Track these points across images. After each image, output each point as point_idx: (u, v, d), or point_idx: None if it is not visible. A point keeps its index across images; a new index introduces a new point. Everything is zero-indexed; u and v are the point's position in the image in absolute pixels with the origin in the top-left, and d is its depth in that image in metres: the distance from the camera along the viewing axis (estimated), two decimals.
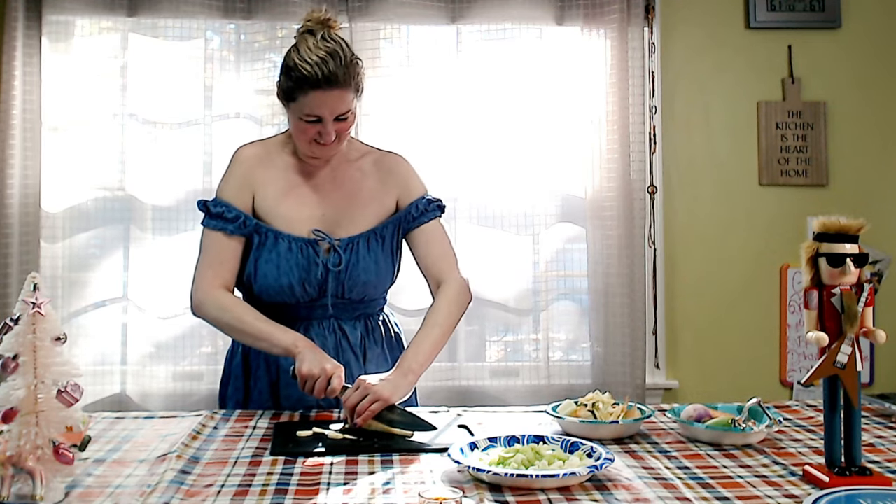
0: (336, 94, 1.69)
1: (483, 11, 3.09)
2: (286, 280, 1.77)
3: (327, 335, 1.83)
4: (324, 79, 1.67)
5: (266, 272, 1.77)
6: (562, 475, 1.20)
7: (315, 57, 1.67)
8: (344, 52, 1.71)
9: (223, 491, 1.20)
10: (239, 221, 1.78)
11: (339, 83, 1.69)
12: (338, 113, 1.72)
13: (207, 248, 1.81)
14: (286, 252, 1.77)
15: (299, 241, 1.79)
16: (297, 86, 1.69)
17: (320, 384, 1.60)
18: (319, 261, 1.78)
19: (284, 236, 1.79)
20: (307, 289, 1.78)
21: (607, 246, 3.08)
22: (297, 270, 1.77)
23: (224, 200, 1.81)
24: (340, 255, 1.79)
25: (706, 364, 3.21)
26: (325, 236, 1.80)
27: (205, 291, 1.78)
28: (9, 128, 2.90)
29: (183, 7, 2.97)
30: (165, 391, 2.99)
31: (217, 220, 1.79)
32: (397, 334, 1.98)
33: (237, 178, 1.83)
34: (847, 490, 1.14)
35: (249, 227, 1.79)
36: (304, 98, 1.69)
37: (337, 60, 1.68)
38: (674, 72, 3.22)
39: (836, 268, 1.23)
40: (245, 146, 1.89)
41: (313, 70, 1.66)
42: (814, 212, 1.63)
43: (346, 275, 1.79)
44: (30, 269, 2.66)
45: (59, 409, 1.16)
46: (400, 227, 1.88)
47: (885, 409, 1.70)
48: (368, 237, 1.83)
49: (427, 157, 3.06)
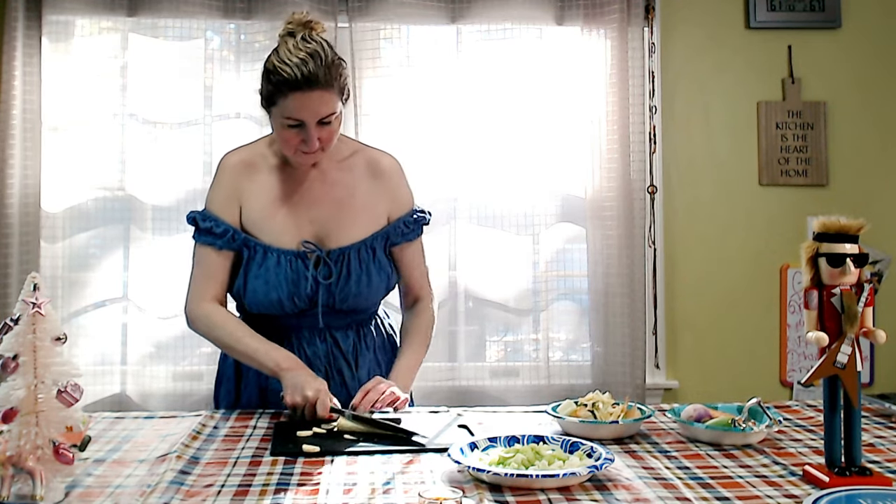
0: (317, 95, 1.65)
1: (483, 11, 3.09)
2: (275, 295, 1.75)
3: (318, 344, 1.82)
4: (304, 79, 1.63)
5: (255, 287, 1.76)
6: (562, 475, 1.20)
7: (295, 59, 1.64)
8: (325, 52, 1.67)
9: (223, 491, 1.20)
10: (227, 236, 1.78)
11: (320, 84, 1.64)
12: (320, 116, 1.67)
13: (199, 263, 1.82)
14: (275, 266, 1.75)
15: (288, 255, 1.77)
16: (277, 89, 1.65)
17: (308, 412, 1.62)
18: (309, 274, 1.76)
19: (273, 250, 1.77)
20: (297, 302, 1.77)
21: (607, 246, 3.08)
22: (287, 285, 1.75)
23: (213, 214, 1.79)
24: (331, 267, 1.77)
25: (706, 364, 3.21)
26: (315, 248, 1.78)
27: (196, 307, 1.80)
28: (9, 128, 2.90)
29: (183, 7, 2.97)
30: (165, 391, 2.99)
31: (206, 235, 1.79)
32: (390, 335, 1.97)
33: (224, 189, 1.81)
34: (847, 490, 1.14)
35: (238, 241, 1.79)
36: (284, 101, 1.66)
37: (317, 61, 1.64)
38: (674, 72, 3.22)
39: (836, 268, 1.23)
40: (230, 153, 1.86)
41: (293, 71, 1.62)
42: (814, 212, 1.63)
43: (338, 287, 1.78)
44: (30, 269, 2.65)
45: (59, 409, 1.16)
46: (388, 240, 1.87)
47: (885, 409, 1.70)
48: (359, 249, 1.81)
49: (427, 156, 3.07)
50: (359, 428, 1.52)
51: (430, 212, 1.96)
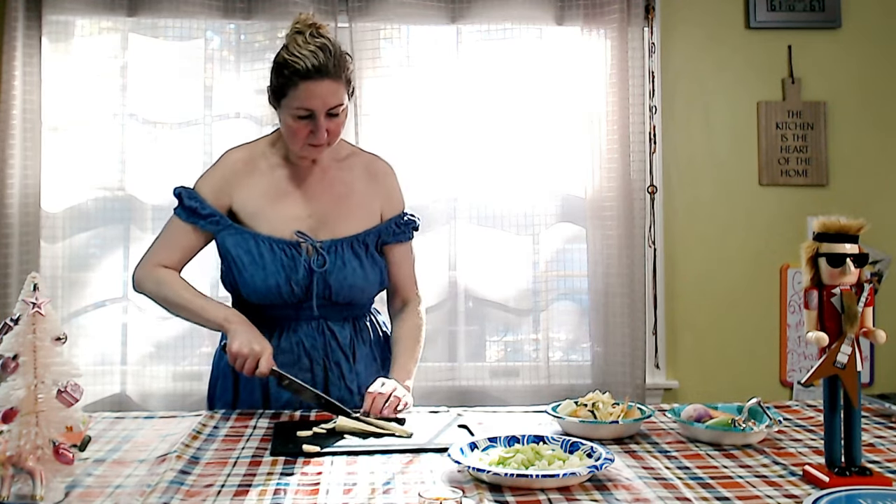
0: (327, 85, 1.71)
1: (483, 11, 3.09)
2: (273, 280, 1.79)
3: (316, 336, 1.84)
4: (314, 69, 1.69)
5: (253, 273, 1.79)
6: (562, 475, 1.20)
7: (305, 51, 1.70)
8: (334, 46, 1.74)
9: (223, 491, 1.20)
10: (212, 219, 1.82)
11: (330, 74, 1.71)
12: (329, 106, 1.72)
13: (169, 233, 1.86)
14: (269, 253, 1.79)
15: (281, 244, 1.81)
16: (289, 79, 1.71)
17: (249, 364, 1.67)
18: (302, 261, 1.80)
19: (265, 238, 1.80)
20: (294, 288, 1.79)
21: (607, 246, 3.08)
22: (283, 270, 1.79)
23: (200, 196, 1.84)
24: (324, 256, 1.81)
25: (706, 364, 3.21)
26: (307, 238, 1.81)
27: (148, 268, 1.84)
28: (9, 128, 2.90)
29: (183, 7, 2.97)
30: (165, 391, 2.99)
31: (189, 213, 1.83)
32: (385, 333, 2.00)
33: (217, 181, 1.86)
34: (847, 490, 1.14)
35: (223, 225, 1.82)
36: (294, 91, 1.71)
37: (327, 53, 1.71)
38: (674, 72, 3.22)
39: (836, 268, 1.23)
40: (233, 150, 1.92)
41: (304, 62, 1.69)
42: (814, 212, 1.63)
43: (332, 277, 1.81)
44: (30, 269, 2.66)
45: (59, 409, 1.16)
46: (380, 238, 1.91)
47: (885, 409, 1.70)
48: (352, 242, 1.85)
49: (427, 156, 3.07)
50: (358, 427, 1.53)
51: (420, 218, 2.01)
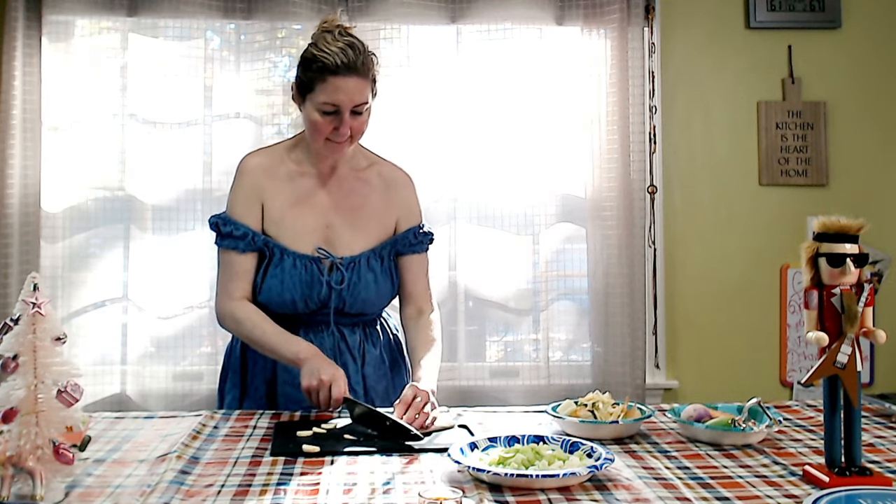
0: (353, 81, 1.73)
1: (483, 11, 3.09)
2: (289, 296, 1.81)
3: (326, 337, 1.87)
4: (343, 65, 1.71)
5: (270, 286, 1.82)
6: (562, 475, 1.20)
7: (334, 47, 1.73)
8: (362, 44, 1.76)
9: (223, 491, 1.20)
10: (248, 239, 1.83)
11: (358, 71, 1.73)
12: (355, 103, 1.74)
13: (224, 265, 1.88)
14: (290, 269, 1.81)
15: (303, 259, 1.83)
16: (317, 74, 1.73)
17: (323, 396, 1.66)
18: (323, 280, 1.82)
19: (290, 253, 1.83)
20: (309, 304, 1.83)
21: (607, 246, 3.08)
22: (301, 287, 1.81)
23: (233, 219, 1.85)
24: (343, 273, 1.83)
25: (706, 364, 3.21)
26: (329, 255, 1.83)
27: (224, 305, 1.86)
28: (9, 128, 2.90)
29: (183, 7, 2.97)
30: (165, 391, 2.99)
31: (227, 239, 1.84)
32: (395, 336, 2.01)
33: (245, 192, 1.87)
34: (847, 490, 1.14)
35: (258, 242, 1.84)
36: (322, 86, 1.73)
37: (356, 50, 1.74)
38: (674, 72, 3.22)
39: (836, 268, 1.23)
40: (250, 155, 1.92)
41: (333, 58, 1.71)
42: (814, 212, 1.63)
43: (349, 292, 1.84)
44: (30, 269, 2.65)
45: (59, 409, 1.16)
46: (395, 248, 1.92)
47: (885, 409, 1.70)
48: (369, 256, 1.87)
49: (427, 156, 3.07)
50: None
51: (433, 233, 2.01)
